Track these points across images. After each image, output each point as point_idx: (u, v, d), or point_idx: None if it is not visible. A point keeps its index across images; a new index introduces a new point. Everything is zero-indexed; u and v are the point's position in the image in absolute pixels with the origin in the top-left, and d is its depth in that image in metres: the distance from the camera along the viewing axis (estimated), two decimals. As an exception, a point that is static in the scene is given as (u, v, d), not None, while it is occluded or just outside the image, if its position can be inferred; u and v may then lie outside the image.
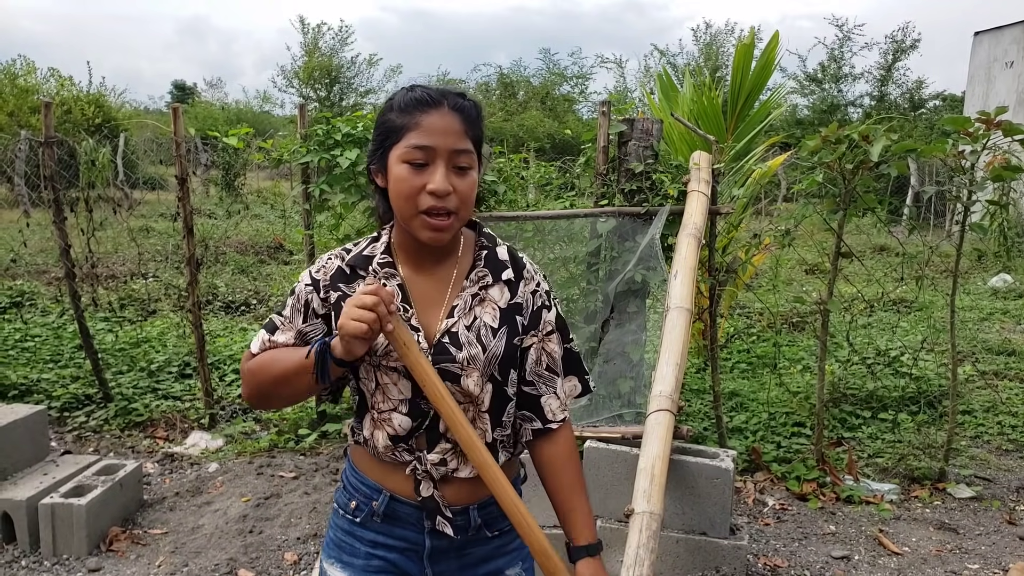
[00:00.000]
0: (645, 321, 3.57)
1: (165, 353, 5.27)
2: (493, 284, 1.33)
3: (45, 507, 3.02)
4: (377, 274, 1.31)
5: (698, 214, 3.25)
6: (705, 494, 2.74)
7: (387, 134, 1.26)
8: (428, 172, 1.22)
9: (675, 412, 2.50)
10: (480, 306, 1.31)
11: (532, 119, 22.69)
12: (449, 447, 1.31)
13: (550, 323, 1.37)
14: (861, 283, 6.83)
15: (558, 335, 1.38)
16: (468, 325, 1.29)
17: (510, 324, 1.32)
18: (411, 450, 1.32)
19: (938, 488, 3.72)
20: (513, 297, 1.33)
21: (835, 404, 4.57)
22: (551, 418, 1.37)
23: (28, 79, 18.81)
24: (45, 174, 4.17)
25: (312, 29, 28.06)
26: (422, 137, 1.22)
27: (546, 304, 1.37)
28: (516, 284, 1.34)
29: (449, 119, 1.23)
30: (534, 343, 1.35)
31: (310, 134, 3.94)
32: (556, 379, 1.38)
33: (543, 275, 1.41)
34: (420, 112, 1.23)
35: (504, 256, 1.36)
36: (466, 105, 1.26)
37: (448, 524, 1.33)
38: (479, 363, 1.28)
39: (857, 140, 3.34)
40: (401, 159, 1.23)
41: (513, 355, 1.33)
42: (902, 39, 22.97)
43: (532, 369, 1.36)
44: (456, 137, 1.23)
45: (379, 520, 1.36)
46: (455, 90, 1.28)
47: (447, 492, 1.34)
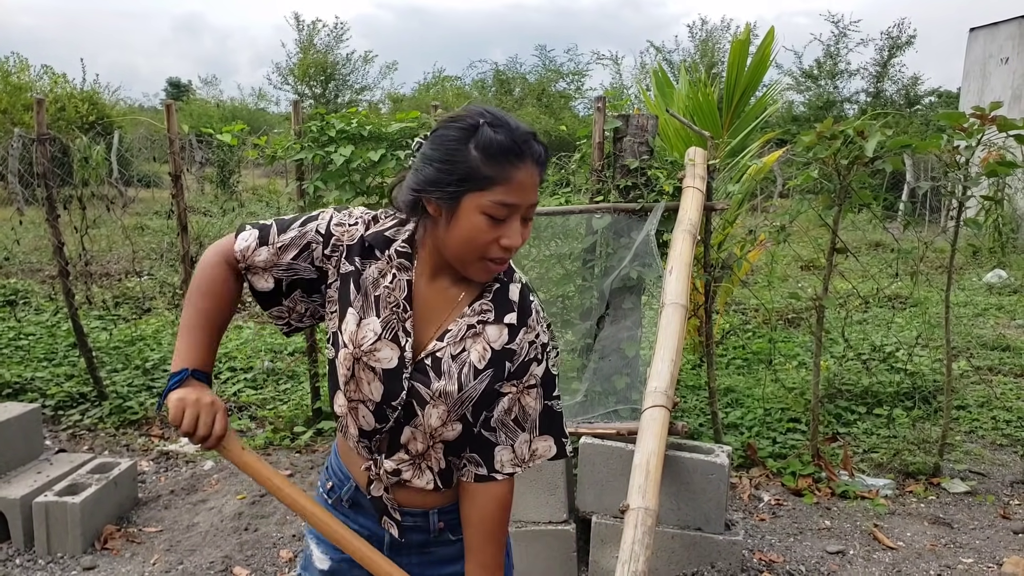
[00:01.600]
0: (641, 317, 3.57)
1: (160, 351, 5.25)
2: (493, 323, 1.26)
3: (39, 505, 3.02)
4: (392, 261, 1.26)
5: (693, 210, 3.25)
6: (700, 490, 2.75)
7: (468, 177, 1.16)
8: (504, 226, 1.18)
9: (670, 408, 2.49)
10: (472, 340, 1.25)
11: (528, 116, 22.66)
12: (407, 459, 1.30)
13: (535, 377, 1.29)
14: (857, 279, 6.84)
15: (539, 391, 1.30)
16: (454, 355, 1.25)
17: (496, 369, 1.26)
18: (371, 450, 1.32)
19: (933, 483, 3.73)
20: (509, 342, 1.26)
21: (830, 400, 4.57)
22: (498, 468, 1.30)
23: (21, 76, 18.71)
24: (38, 171, 4.15)
25: (307, 26, 27.99)
26: (511, 195, 1.16)
27: (538, 358, 1.29)
28: (517, 330, 1.27)
29: (533, 174, 1.18)
30: (511, 392, 1.28)
31: (305, 131, 3.93)
32: (520, 434, 1.30)
33: (547, 324, 1.33)
34: (511, 165, 1.16)
35: (514, 296, 1.28)
36: (543, 156, 1.20)
37: (394, 526, 1.34)
38: (450, 400, 1.24)
39: (852, 136, 3.34)
40: (482, 210, 1.16)
41: (491, 399, 1.27)
42: (897, 35, 23.02)
43: (499, 417, 1.28)
44: (534, 193, 1.19)
45: (347, 505, 1.39)
46: (530, 129, 1.20)
47: (401, 496, 1.34)
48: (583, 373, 3.53)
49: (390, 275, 1.26)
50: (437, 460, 1.31)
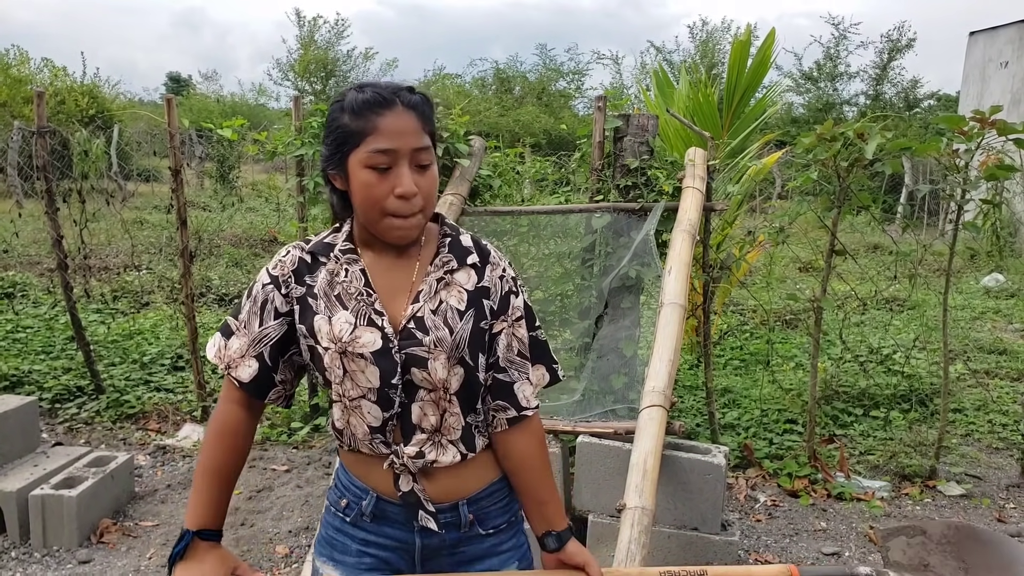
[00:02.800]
0: (639, 317, 3.58)
1: (158, 345, 5.25)
2: (459, 269, 1.32)
3: (35, 498, 3.01)
4: (339, 260, 1.30)
5: (693, 210, 3.25)
6: (697, 490, 2.75)
7: (344, 139, 1.23)
8: (392, 175, 1.22)
9: (668, 408, 2.50)
10: (446, 290, 1.30)
11: (528, 114, 22.64)
12: (425, 437, 1.30)
13: (519, 309, 1.36)
14: (855, 281, 6.85)
15: (525, 322, 1.37)
16: (434, 309, 1.28)
17: (477, 307, 1.30)
18: (387, 443, 1.30)
19: (929, 486, 3.73)
20: (480, 281, 1.33)
21: (827, 401, 4.58)
22: (525, 405, 1.36)
23: (21, 69, 18.66)
24: (38, 164, 4.14)
25: (308, 22, 27.94)
26: (382, 141, 1.21)
27: (513, 290, 1.36)
28: (483, 268, 1.34)
29: (405, 118, 1.23)
30: (504, 328, 1.34)
31: (305, 127, 3.93)
32: (528, 365, 1.37)
33: (508, 262, 1.40)
34: (375, 115, 1.21)
35: (468, 243, 1.36)
36: (418, 100, 1.25)
37: (431, 519, 1.31)
38: (446, 345, 1.26)
39: (852, 138, 3.35)
40: (364, 164, 1.22)
41: (481, 339, 1.31)
42: (897, 38, 23.00)
43: (504, 355, 1.34)
44: (415, 136, 1.23)
45: (368, 520, 1.34)
46: (405, 85, 1.26)
47: (430, 487, 1.32)
48: (581, 372, 3.53)
49: (342, 272, 1.30)
50: (454, 428, 1.31)
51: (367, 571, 1.35)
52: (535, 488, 1.37)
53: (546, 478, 1.38)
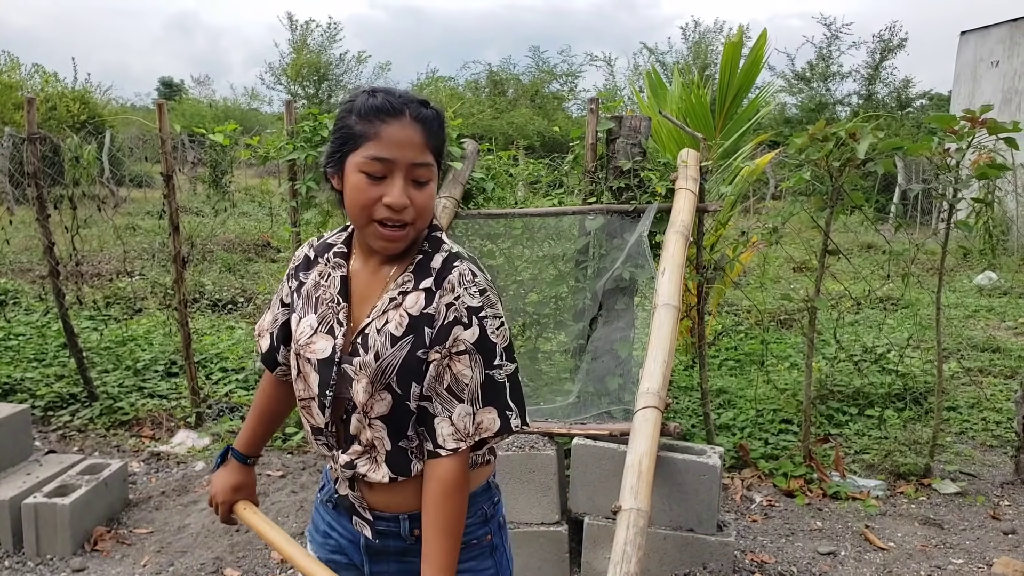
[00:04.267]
0: (633, 318, 3.58)
1: (151, 351, 5.23)
2: (411, 291, 1.26)
3: (28, 507, 2.99)
4: (329, 262, 1.34)
5: (686, 211, 3.26)
6: (692, 491, 2.75)
7: (345, 140, 1.22)
8: (385, 184, 1.21)
9: (663, 409, 2.50)
10: (394, 310, 1.26)
11: (521, 117, 22.66)
12: (360, 450, 1.29)
13: (464, 342, 1.23)
14: (848, 281, 6.86)
15: (475, 358, 1.23)
16: (379, 328, 1.25)
17: (416, 334, 1.23)
18: (330, 446, 1.33)
19: (923, 484, 3.74)
20: (427, 307, 1.24)
21: (822, 401, 4.59)
22: (440, 443, 1.24)
23: (12, 75, 18.60)
24: (28, 171, 4.12)
25: (301, 26, 27.91)
26: (382, 149, 1.19)
27: (463, 321, 1.23)
28: (433, 293, 1.25)
29: (410, 131, 1.20)
30: (436, 359, 1.23)
31: (297, 131, 3.92)
32: (456, 404, 1.23)
33: (479, 290, 1.25)
34: (381, 121, 1.20)
35: (436, 264, 1.27)
36: (428, 115, 1.23)
37: (366, 526, 1.34)
38: (369, 370, 1.23)
39: (844, 138, 3.36)
40: (359, 168, 1.21)
41: (416, 368, 1.24)
42: (889, 38, 23.11)
43: (431, 385, 1.24)
44: (416, 150, 1.21)
45: (331, 507, 1.42)
46: (418, 98, 1.24)
47: (369, 497, 1.33)
48: (576, 374, 3.53)
49: (326, 275, 1.34)
50: (383, 446, 1.27)
51: (331, 552, 1.42)
52: (425, 539, 1.25)
53: (437, 534, 1.24)
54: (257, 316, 6.81)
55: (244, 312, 6.94)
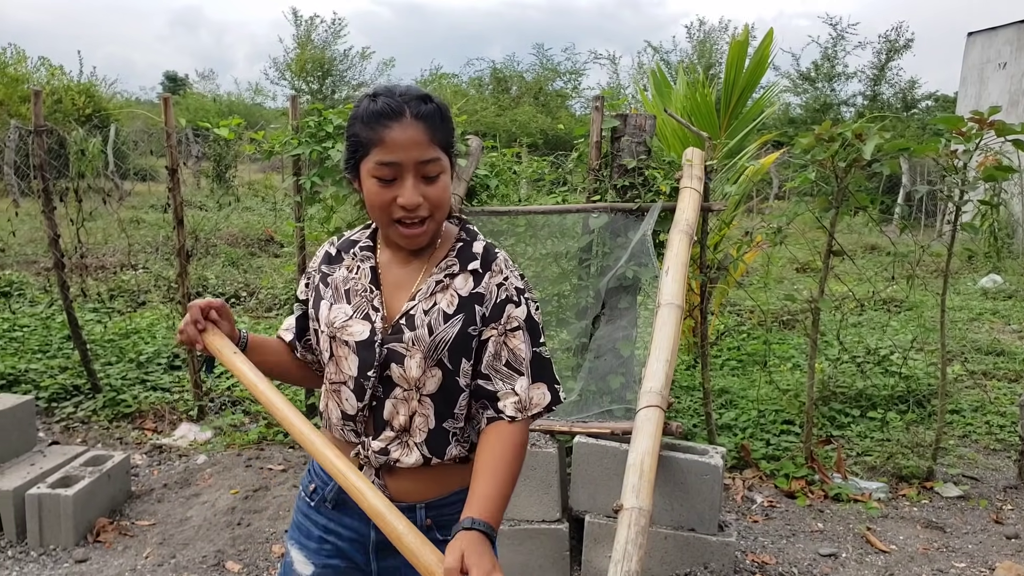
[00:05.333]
0: (636, 317, 3.57)
1: (154, 344, 5.24)
2: (459, 273, 1.33)
3: (32, 497, 3.00)
4: (356, 256, 1.38)
5: (690, 211, 3.25)
6: (694, 490, 2.75)
7: (356, 147, 1.27)
8: (397, 186, 1.25)
9: (665, 408, 2.49)
10: (442, 292, 1.31)
11: (525, 114, 22.64)
12: (393, 435, 1.32)
13: (516, 319, 1.32)
14: (852, 282, 6.84)
15: (525, 334, 1.32)
16: (426, 309, 1.30)
17: (467, 312, 1.30)
18: (357, 433, 1.34)
19: (926, 487, 3.74)
20: (476, 287, 1.32)
21: (824, 402, 4.58)
22: (502, 409, 1.29)
23: (18, 68, 18.61)
24: (35, 163, 4.13)
25: (305, 21, 27.91)
26: (387, 153, 1.23)
27: (513, 299, 1.32)
28: (482, 275, 1.33)
29: (412, 130, 1.23)
30: (493, 336, 1.31)
31: (302, 126, 3.92)
32: (517, 378, 1.31)
33: (519, 274, 1.37)
34: (383, 126, 1.23)
35: (478, 249, 1.35)
36: (429, 110, 1.25)
37: None
38: (423, 344, 1.28)
39: (850, 138, 3.35)
40: (370, 174, 1.25)
41: (466, 344, 1.30)
42: (895, 39, 23.04)
43: (489, 363, 1.31)
44: (421, 148, 1.23)
45: (330, 507, 1.39)
46: (418, 92, 1.26)
47: (392, 484, 1.34)
48: (578, 372, 3.52)
49: (355, 268, 1.37)
50: (421, 430, 1.31)
51: (327, 557, 1.40)
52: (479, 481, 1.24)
53: (486, 468, 1.24)
54: (259, 311, 6.81)
55: (247, 306, 6.95)
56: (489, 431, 1.30)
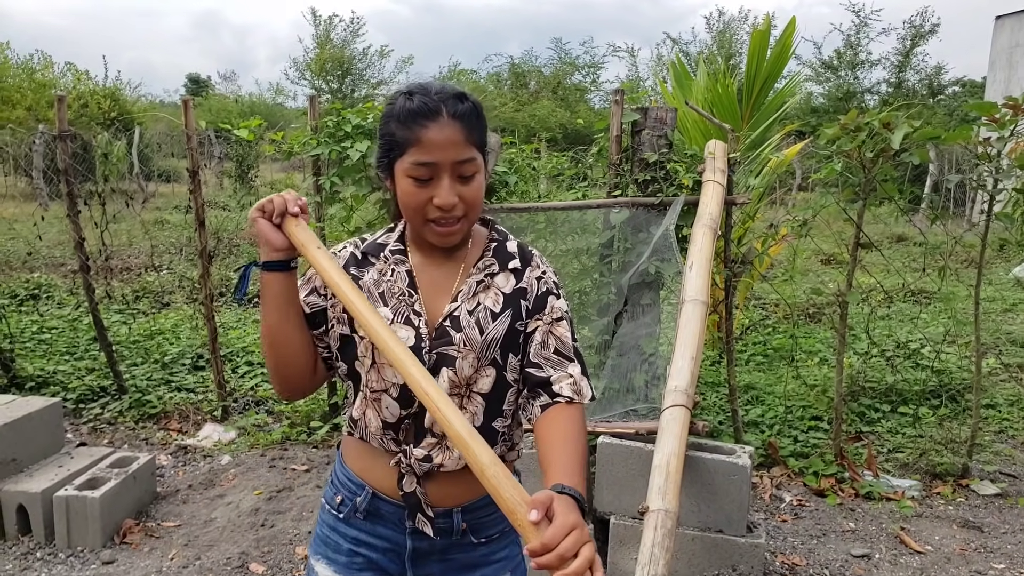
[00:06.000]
0: (659, 314, 3.52)
1: (179, 345, 5.28)
2: (499, 272, 1.33)
3: (60, 499, 3.03)
4: (388, 260, 1.34)
5: (714, 204, 3.19)
6: (722, 491, 2.69)
7: (391, 147, 1.25)
8: (433, 186, 1.23)
9: (691, 408, 2.44)
10: (484, 292, 1.31)
11: (544, 109, 22.58)
12: (435, 441, 1.29)
13: (559, 309, 1.32)
14: (880, 273, 6.71)
15: (568, 325, 1.33)
16: (470, 310, 1.29)
17: (514, 308, 1.30)
18: (398, 441, 1.31)
19: (961, 485, 3.64)
20: (519, 283, 1.32)
21: (853, 398, 4.49)
22: (559, 391, 1.26)
23: (45, 73, 18.94)
24: (59, 167, 4.17)
25: (324, 21, 28.05)
26: (424, 154, 1.21)
27: (553, 292, 1.33)
28: (522, 271, 1.33)
29: (449, 130, 1.21)
30: (539, 326, 1.31)
31: (321, 126, 3.91)
32: (567, 363, 1.29)
33: (553, 269, 1.39)
34: (420, 126, 1.21)
35: (513, 248, 1.36)
36: (465, 110, 1.23)
37: (428, 524, 1.31)
38: (475, 344, 1.26)
39: (878, 128, 3.26)
40: (406, 174, 1.23)
41: (515, 340, 1.30)
42: (920, 24, 22.60)
43: (538, 351, 1.29)
44: (458, 148, 1.21)
45: (362, 517, 1.35)
46: (454, 91, 1.24)
47: (431, 490, 1.32)
48: (601, 370, 3.48)
49: (389, 271, 1.33)
50: (473, 423, 1.27)
51: (359, 571, 1.36)
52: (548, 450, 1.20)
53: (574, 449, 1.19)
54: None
55: (270, 306, 6.98)
56: (549, 414, 1.25)
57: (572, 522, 1.00)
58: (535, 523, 0.99)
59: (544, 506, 1.01)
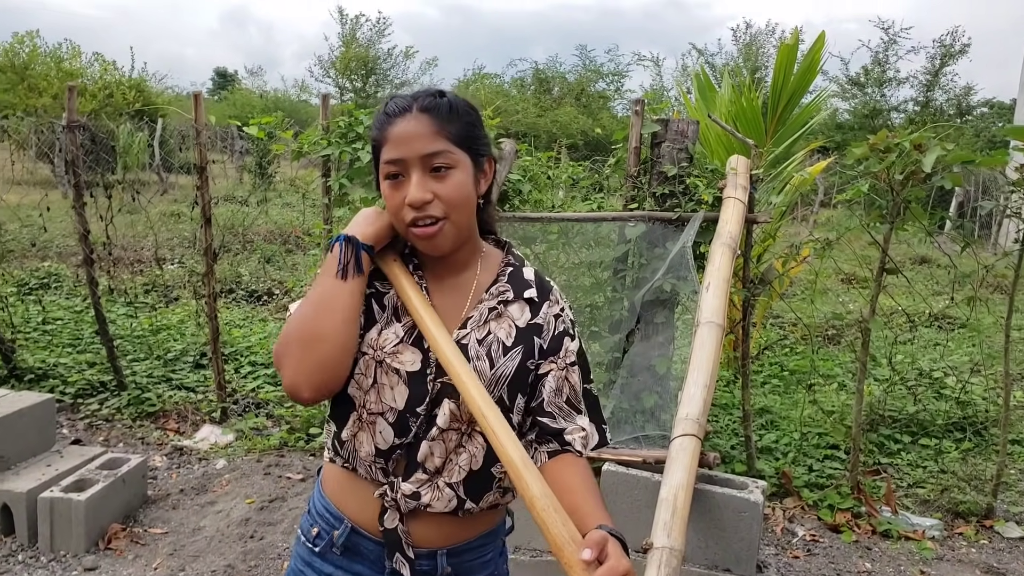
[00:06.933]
0: (673, 333, 3.39)
1: (182, 342, 5.20)
2: (513, 301, 1.24)
3: (44, 501, 2.94)
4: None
5: (734, 222, 3.05)
6: (731, 528, 2.55)
7: (373, 151, 1.23)
8: (406, 184, 1.16)
9: (702, 438, 2.31)
10: (496, 321, 1.22)
11: (566, 115, 22.47)
12: (426, 478, 1.20)
13: (573, 353, 1.26)
14: (901, 296, 6.50)
15: (580, 370, 1.26)
16: (480, 339, 1.21)
17: (526, 344, 1.22)
18: (387, 471, 1.21)
19: (985, 525, 3.46)
20: (534, 317, 1.24)
21: (872, 427, 4.32)
22: (570, 442, 1.22)
23: (73, 63, 19.09)
24: (67, 158, 4.11)
25: (350, 20, 28.15)
26: (391, 150, 1.16)
27: (570, 332, 1.26)
28: (539, 305, 1.25)
29: (416, 123, 1.15)
30: (553, 370, 1.23)
31: (332, 126, 3.81)
32: (576, 416, 1.24)
33: (569, 305, 1.32)
34: (389, 124, 1.17)
35: (530, 276, 1.28)
36: (438, 103, 1.17)
37: (406, 565, 1.21)
38: (484, 377, 1.18)
39: (908, 149, 3.11)
40: (383, 177, 1.19)
41: (524, 379, 1.21)
42: (951, 43, 22.23)
43: (551, 399, 1.22)
44: (425, 140, 1.15)
45: (338, 553, 1.25)
46: (432, 91, 1.20)
47: (414, 529, 1.21)
48: (610, 389, 3.35)
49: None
50: (463, 468, 1.20)
51: None
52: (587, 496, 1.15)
53: (598, 495, 1.18)
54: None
55: (279, 304, 6.91)
56: (560, 462, 1.21)
57: (625, 567, 0.99)
58: (587, 562, 0.98)
59: (599, 547, 1.00)
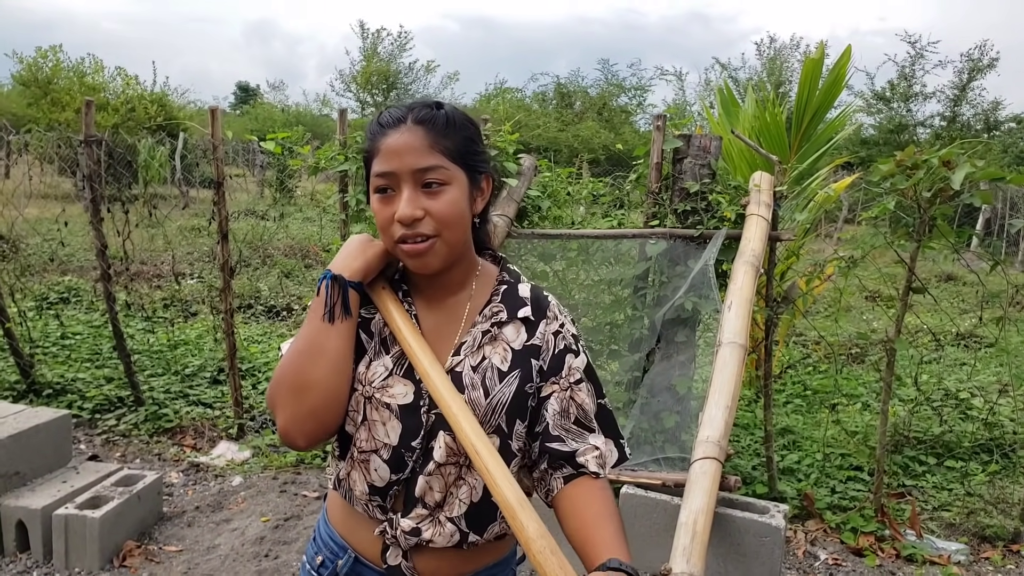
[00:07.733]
0: (695, 353, 3.33)
1: (200, 357, 5.21)
2: (508, 322, 1.17)
3: (59, 518, 2.94)
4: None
5: (757, 240, 3.00)
6: (752, 553, 2.48)
7: (365, 163, 1.17)
8: (396, 199, 1.10)
9: (723, 461, 2.25)
10: (491, 345, 1.16)
11: (588, 130, 22.45)
12: (426, 513, 1.15)
13: (577, 370, 1.17)
14: (927, 314, 6.38)
15: (589, 385, 1.18)
16: (475, 366, 1.14)
17: (523, 368, 1.15)
18: (384, 508, 1.16)
19: (1012, 550, 3.36)
20: (530, 338, 1.17)
21: (897, 449, 4.21)
22: (584, 464, 1.13)
23: (96, 77, 19.41)
24: (84, 173, 4.14)
25: (372, 34, 28.43)
26: (382, 162, 1.10)
27: (572, 348, 1.18)
28: (535, 324, 1.17)
29: (409, 136, 1.09)
30: (555, 391, 1.16)
31: (349, 141, 3.81)
32: (589, 435, 1.15)
33: (571, 318, 1.23)
34: (381, 135, 1.11)
35: (525, 293, 1.20)
36: (434, 115, 1.11)
37: None
38: (479, 408, 1.12)
39: (937, 166, 3.04)
40: (372, 190, 1.13)
41: (523, 404, 1.15)
42: (979, 58, 21.96)
43: (557, 422, 1.15)
44: (418, 154, 1.08)
45: None
46: (429, 102, 1.13)
47: (419, 563, 1.17)
48: (629, 408, 3.30)
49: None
50: (464, 501, 1.15)
51: None
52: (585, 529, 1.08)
53: (616, 522, 1.09)
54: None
55: (298, 320, 6.92)
56: (576, 487, 1.13)
57: None
58: None
59: None
